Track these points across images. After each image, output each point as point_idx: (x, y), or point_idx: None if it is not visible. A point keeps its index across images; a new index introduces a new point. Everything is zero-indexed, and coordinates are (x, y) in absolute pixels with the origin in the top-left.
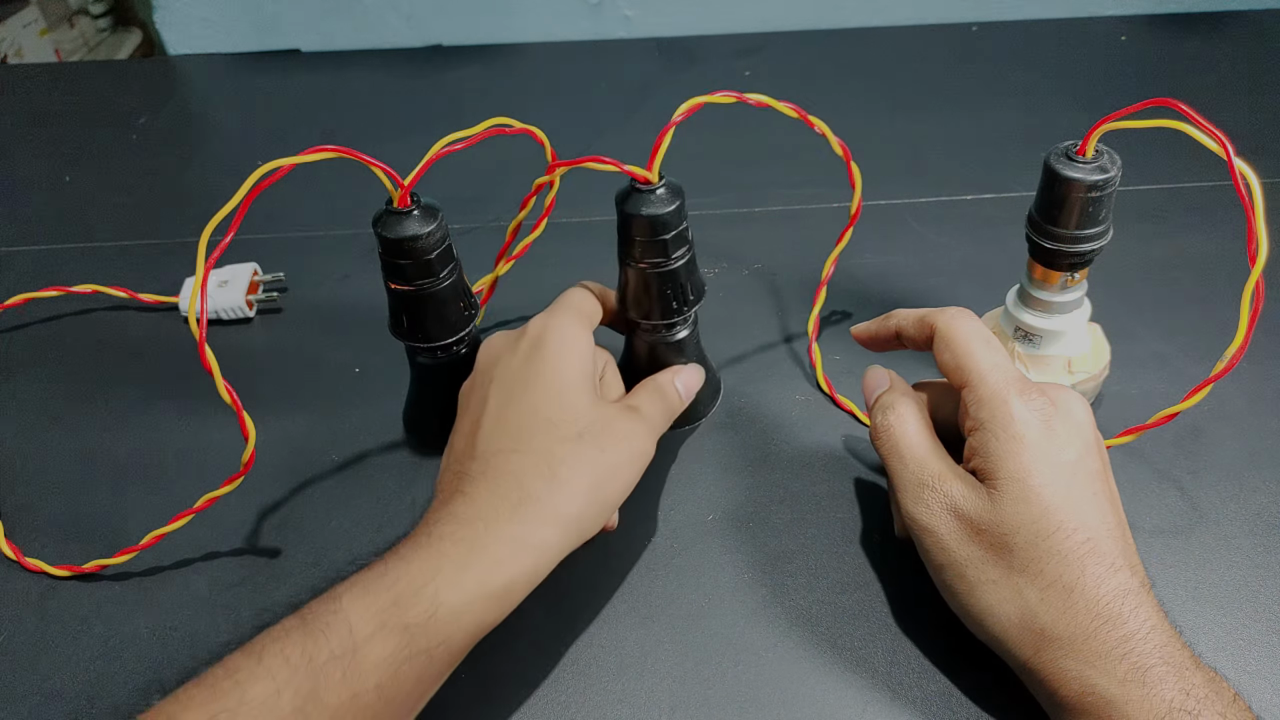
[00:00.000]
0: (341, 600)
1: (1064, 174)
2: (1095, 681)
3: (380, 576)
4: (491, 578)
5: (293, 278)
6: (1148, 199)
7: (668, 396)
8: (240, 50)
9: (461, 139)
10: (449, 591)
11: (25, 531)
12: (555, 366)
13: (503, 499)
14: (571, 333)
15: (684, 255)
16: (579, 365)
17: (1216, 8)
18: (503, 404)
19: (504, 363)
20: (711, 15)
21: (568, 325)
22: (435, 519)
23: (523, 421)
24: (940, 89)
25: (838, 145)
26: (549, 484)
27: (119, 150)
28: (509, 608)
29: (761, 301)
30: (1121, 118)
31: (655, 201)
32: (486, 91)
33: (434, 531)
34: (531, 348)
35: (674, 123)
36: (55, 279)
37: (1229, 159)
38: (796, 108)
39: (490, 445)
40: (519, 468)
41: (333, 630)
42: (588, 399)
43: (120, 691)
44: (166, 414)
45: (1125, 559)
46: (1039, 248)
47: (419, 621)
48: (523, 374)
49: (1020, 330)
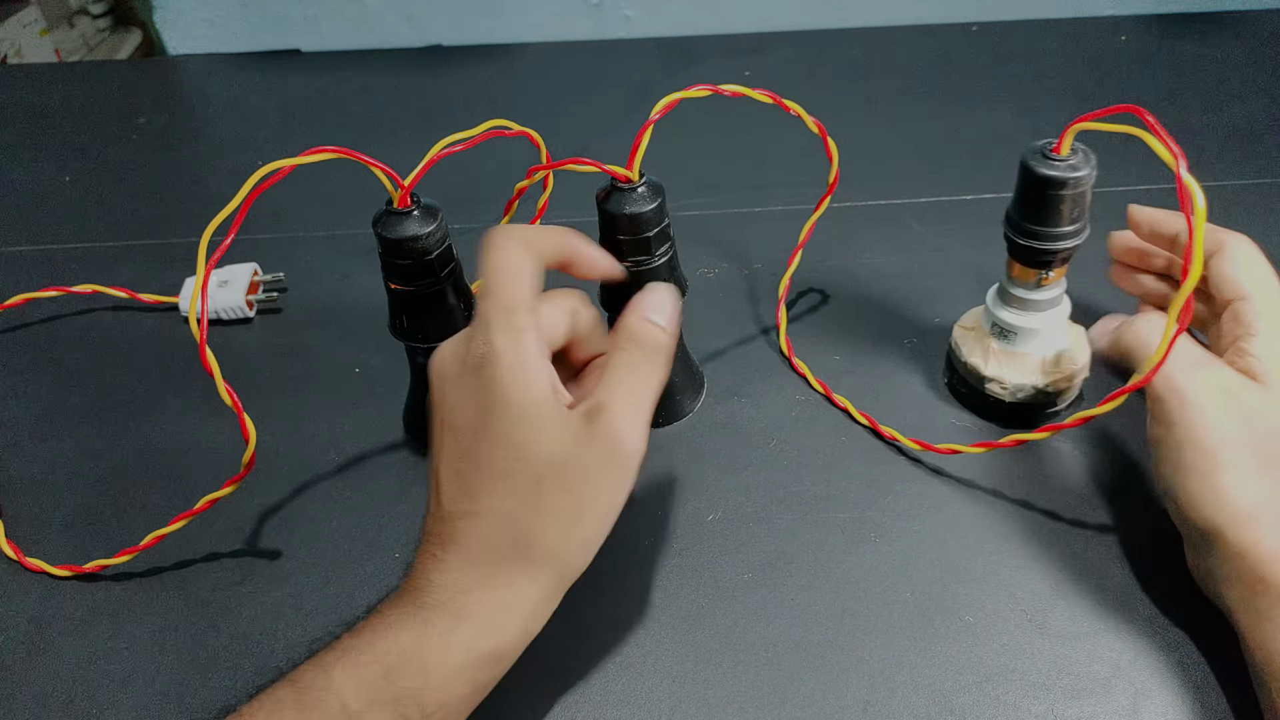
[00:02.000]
0: (332, 674)
1: (1036, 171)
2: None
3: (370, 646)
4: (478, 643)
5: (293, 278)
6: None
7: (646, 348)
8: (240, 50)
9: (461, 140)
10: (438, 658)
11: (26, 532)
12: (504, 404)
13: (475, 566)
14: (518, 355)
15: (666, 253)
16: (531, 392)
17: (1216, 8)
18: (455, 455)
19: (450, 399)
20: (711, 15)
21: (512, 346)
22: (415, 585)
23: (479, 478)
24: (940, 89)
25: (812, 124)
26: (515, 544)
27: (119, 150)
28: (505, 667)
29: (761, 302)
30: (1091, 119)
31: (636, 200)
32: (486, 91)
33: (417, 599)
34: (477, 380)
35: (651, 120)
36: (55, 279)
37: (1178, 173)
38: (771, 94)
39: (452, 506)
40: (484, 532)
41: (326, 706)
42: (544, 433)
43: (121, 691)
44: (167, 414)
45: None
46: (1013, 244)
47: (412, 691)
48: (470, 417)
49: (997, 326)
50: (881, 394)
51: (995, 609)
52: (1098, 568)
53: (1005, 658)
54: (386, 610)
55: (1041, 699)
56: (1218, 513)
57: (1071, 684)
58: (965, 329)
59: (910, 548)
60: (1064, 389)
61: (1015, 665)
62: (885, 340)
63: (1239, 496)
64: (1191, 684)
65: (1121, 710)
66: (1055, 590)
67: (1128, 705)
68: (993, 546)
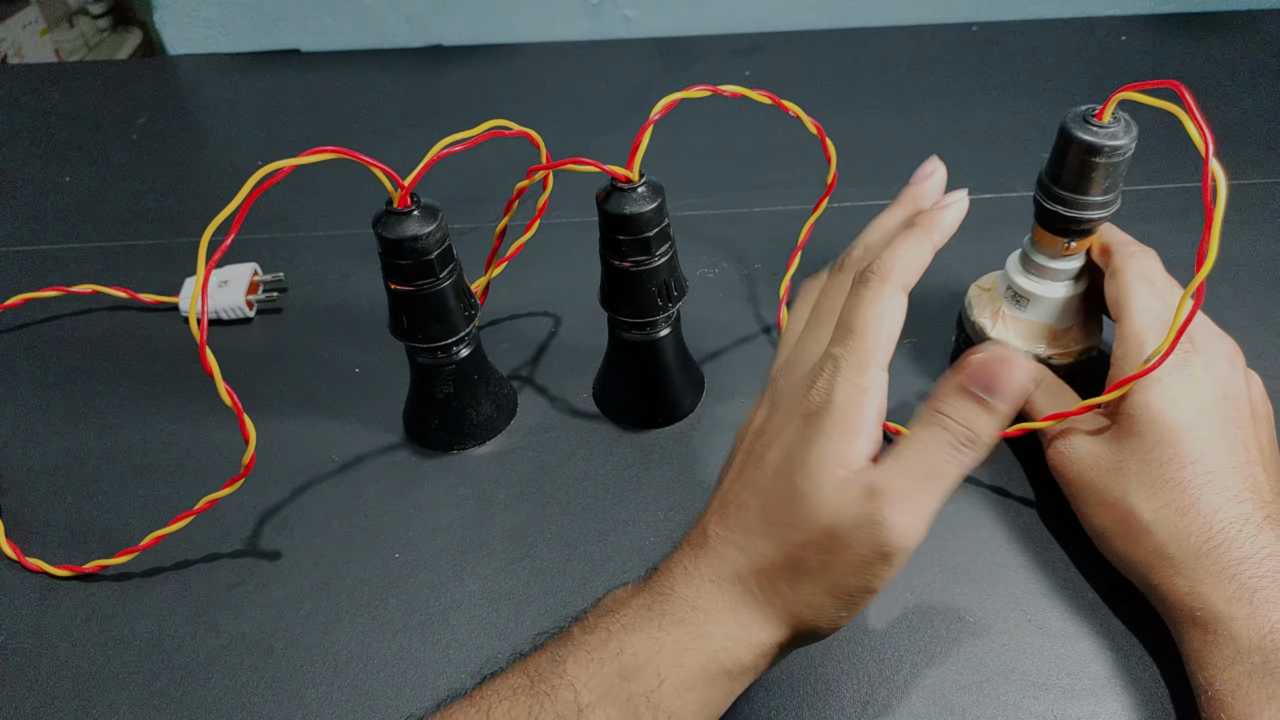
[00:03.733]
0: (566, 665)
1: (1073, 134)
2: (1205, 598)
3: (604, 644)
4: (713, 664)
5: (293, 278)
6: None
7: (948, 432)
8: (240, 50)
9: (461, 140)
10: (672, 669)
11: (26, 532)
12: (815, 461)
13: (724, 592)
14: (852, 415)
15: (666, 253)
16: (843, 456)
17: (1216, 8)
18: (748, 485)
19: (776, 425)
20: (711, 15)
21: (852, 402)
22: (659, 589)
23: (756, 521)
24: (940, 89)
25: (811, 124)
26: (766, 592)
27: (119, 150)
28: (735, 693)
29: (761, 302)
30: (1134, 89)
31: (637, 200)
32: (486, 91)
33: (656, 604)
34: (804, 424)
35: (651, 120)
36: (55, 279)
37: (1205, 157)
38: (771, 95)
39: (724, 528)
40: (742, 569)
41: (559, 695)
42: (825, 500)
43: (121, 692)
44: (167, 414)
45: (1253, 495)
46: (1039, 207)
47: (643, 692)
48: (779, 455)
49: (1011, 290)
50: None
51: (995, 609)
52: (1098, 568)
53: (1005, 658)
54: (621, 608)
55: (1041, 699)
56: (1130, 573)
57: (1071, 684)
58: (981, 289)
59: None
60: (1065, 364)
61: (1015, 665)
62: None
63: (1117, 530)
64: (1191, 684)
65: (1121, 710)
66: (1055, 590)
67: (1128, 705)
68: (993, 546)
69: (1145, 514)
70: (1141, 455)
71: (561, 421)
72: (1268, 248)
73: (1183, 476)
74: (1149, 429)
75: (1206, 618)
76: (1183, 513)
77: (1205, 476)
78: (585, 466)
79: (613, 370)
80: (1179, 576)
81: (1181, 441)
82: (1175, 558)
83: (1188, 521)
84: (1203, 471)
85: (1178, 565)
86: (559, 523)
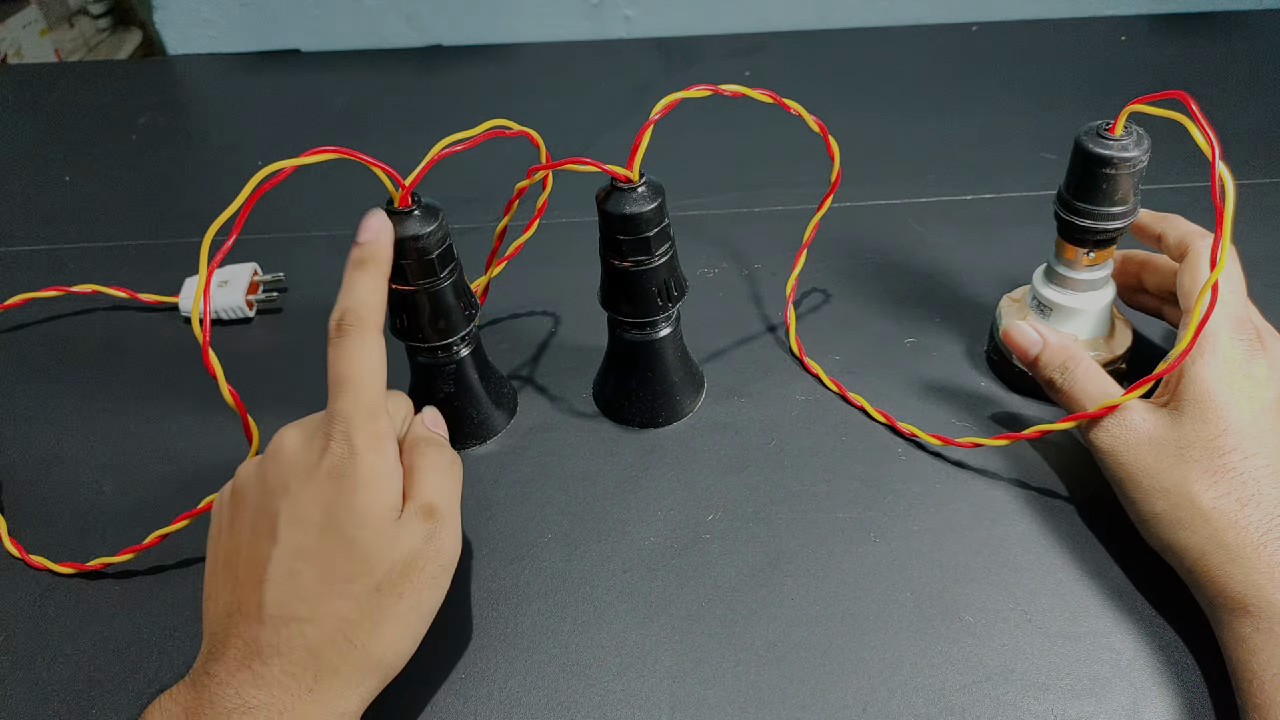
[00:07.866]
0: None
1: (1087, 148)
2: (1260, 587)
3: None
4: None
5: (293, 278)
6: None
7: (444, 450)
8: (240, 50)
9: (461, 140)
10: None
11: (28, 530)
12: (362, 509)
13: (298, 680)
14: (378, 461)
15: (666, 252)
16: (387, 498)
17: (1216, 8)
18: (294, 553)
19: (295, 493)
20: (711, 15)
21: (373, 450)
22: (227, 705)
23: (317, 583)
24: (940, 89)
25: (814, 123)
26: (346, 654)
27: (119, 150)
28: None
29: (762, 302)
30: (1143, 102)
31: (637, 200)
32: (486, 91)
33: (224, 715)
34: (331, 483)
35: (651, 120)
36: (55, 279)
37: (1213, 162)
38: (772, 94)
39: (281, 610)
40: (315, 641)
41: None
42: (391, 540)
43: (122, 690)
44: (167, 414)
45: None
46: (1059, 219)
47: None
48: (317, 517)
49: (1036, 300)
50: (882, 393)
51: (995, 609)
52: (1098, 568)
53: (1005, 658)
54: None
55: (1041, 699)
56: (1177, 559)
57: (1071, 684)
58: (1012, 300)
59: (910, 548)
60: None
61: (1015, 665)
62: (886, 340)
63: (1171, 515)
64: (1190, 684)
65: (1121, 710)
66: (1055, 590)
67: (1127, 705)
68: (993, 546)
69: (1205, 501)
70: (1205, 443)
71: (561, 421)
72: (1268, 249)
73: (1246, 467)
74: (1215, 417)
75: (1262, 607)
76: (1244, 503)
77: (1266, 469)
78: (585, 466)
79: (613, 370)
80: (1233, 565)
81: (1245, 434)
82: (1232, 546)
83: (1248, 512)
84: (1264, 464)
85: (1234, 554)
86: (559, 523)
